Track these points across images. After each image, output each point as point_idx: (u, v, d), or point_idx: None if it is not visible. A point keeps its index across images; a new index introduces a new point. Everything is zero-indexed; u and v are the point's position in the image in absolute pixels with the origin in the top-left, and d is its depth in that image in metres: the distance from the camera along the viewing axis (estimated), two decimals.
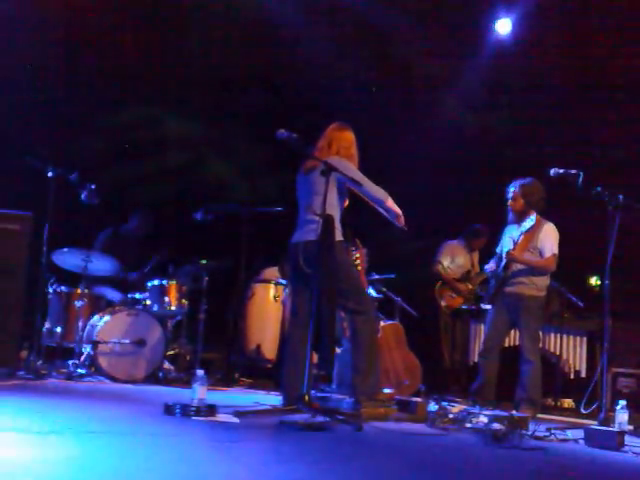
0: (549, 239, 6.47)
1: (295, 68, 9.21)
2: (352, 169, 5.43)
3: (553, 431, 5.13)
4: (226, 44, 9.31)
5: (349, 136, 5.64)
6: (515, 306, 6.49)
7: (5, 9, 7.93)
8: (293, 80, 9.27)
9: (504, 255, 6.50)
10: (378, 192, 5.47)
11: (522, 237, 6.46)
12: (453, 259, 8.44)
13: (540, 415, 6.30)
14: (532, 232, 6.46)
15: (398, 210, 5.49)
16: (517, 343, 7.25)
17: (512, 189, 6.55)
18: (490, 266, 6.80)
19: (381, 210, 5.53)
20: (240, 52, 9.29)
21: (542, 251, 6.46)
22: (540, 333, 6.79)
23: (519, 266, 6.48)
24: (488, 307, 6.76)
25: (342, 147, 5.56)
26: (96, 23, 8.68)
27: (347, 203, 5.64)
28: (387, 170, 8.08)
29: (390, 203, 5.48)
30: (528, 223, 6.41)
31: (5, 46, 7.92)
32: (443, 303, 8.24)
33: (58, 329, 6.87)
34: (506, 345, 7.23)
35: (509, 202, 6.56)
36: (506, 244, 6.61)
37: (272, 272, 7.84)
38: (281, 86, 9.35)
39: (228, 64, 9.29)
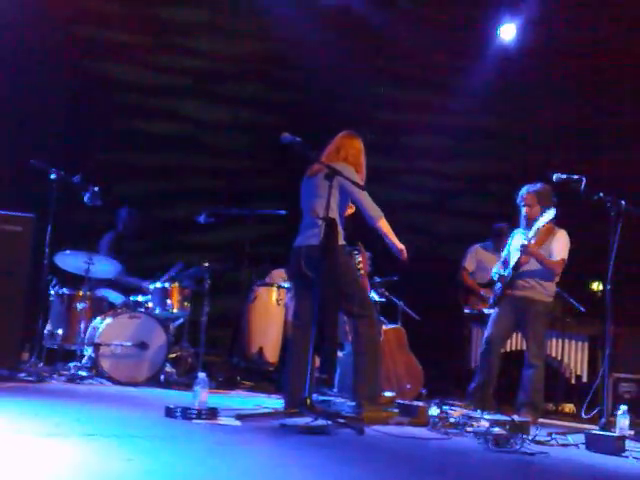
0: (560, 244, 6.43)
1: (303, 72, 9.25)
2: (356, 177, 5.42)
3: (554, 436, 5.13)
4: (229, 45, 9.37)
5: (358, 145, 5.64)
6: (524, 310, 6.45)
7: (10, 11, 7.95)
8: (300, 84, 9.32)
9: (520, 248, 6.34)
10: (374, 209, 5.46)
11: (536, 236, 6.33)
12: (479, 264, 8.27)
13: (541, 420, 6.29)
14: (545, 237, 6.43)
15: (400, 245, 5.50)
16: (519, 347, 7.27)
17: (526, 195, 6.48)
18: (496, 271, 6.72)
19: (388, 243, 5.52)
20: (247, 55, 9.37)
21: (552, 254, 6.42)
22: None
23: (530, 266, 6.41)
24: (492, 311, 6.72)
25: (350, 154, 5.56)
26: (103, 25, 8.72)
27: (353, 208, 5.64)
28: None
29: (383, 223, 5.47)
30: (546, 216, 6.24)
31: (9, 48, 7.94)
32: (467, 311, 8.10)
33: (60, 331, 6.87)
34: (508, 349, 7.24)
35: (525, 209, 6.47)
36: (516, 248, 6.51)
37: (279, 274, 7.83)
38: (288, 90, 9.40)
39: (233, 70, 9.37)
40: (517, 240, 6.57)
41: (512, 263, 6.47)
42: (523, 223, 6.56)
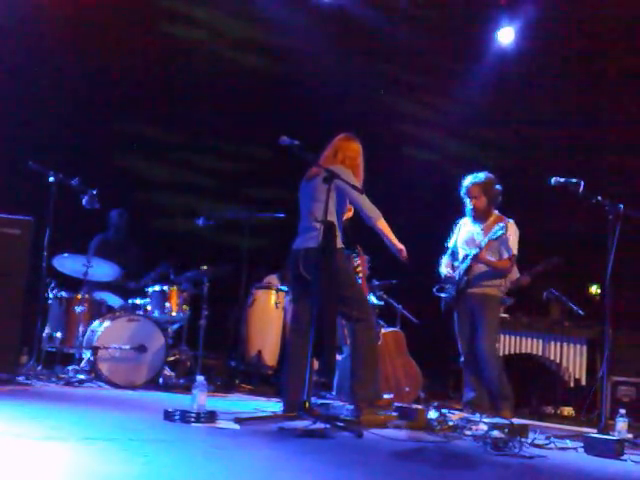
0: (510, 241, 6.31)
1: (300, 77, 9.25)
2: (353, 179, 5.42)
3: (553, 439, 5.13)
4: (231, 50, 9.38)
5: (355, 147, 5.64)
6: (478, 306, 6.35)
7: (12, 12, 7.95)
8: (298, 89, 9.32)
9: (472, 258, 6.29)
10: (372, 210, 5.45)
11: (488, 242, 6.24)
12: None
13: (540, 423, 6.29)
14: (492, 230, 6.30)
15: (399, 245, 5.50)
16: (517, 351, 7.27)
17: (471, 187, 6.42)
18: (446, 269, 6.59)
19: (387, 243, 5.52)
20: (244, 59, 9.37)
21: (501, 254, 6.33)
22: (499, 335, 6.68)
23: (481, 268, 6.34)
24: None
25: (348, 157, 5.56)
26: (104, 27, 8.70)
27: (352, 211, 5.65)
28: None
29: (382, 224, 5.47)
30: (497, 230, 6.15)
31: (10, 49, 7.94)
32: None
33: (58, 334, 6.87)
34: (507, 352, 7.23)
35: (472, 201, 6.42)
36: (465, 242, 6.47)
37: (272, 279, 7.85)
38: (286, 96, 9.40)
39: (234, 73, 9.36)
40: (465, 233, 6.51)
41: (463, 266, 6.40)
42: (471, 215, 6.50)
